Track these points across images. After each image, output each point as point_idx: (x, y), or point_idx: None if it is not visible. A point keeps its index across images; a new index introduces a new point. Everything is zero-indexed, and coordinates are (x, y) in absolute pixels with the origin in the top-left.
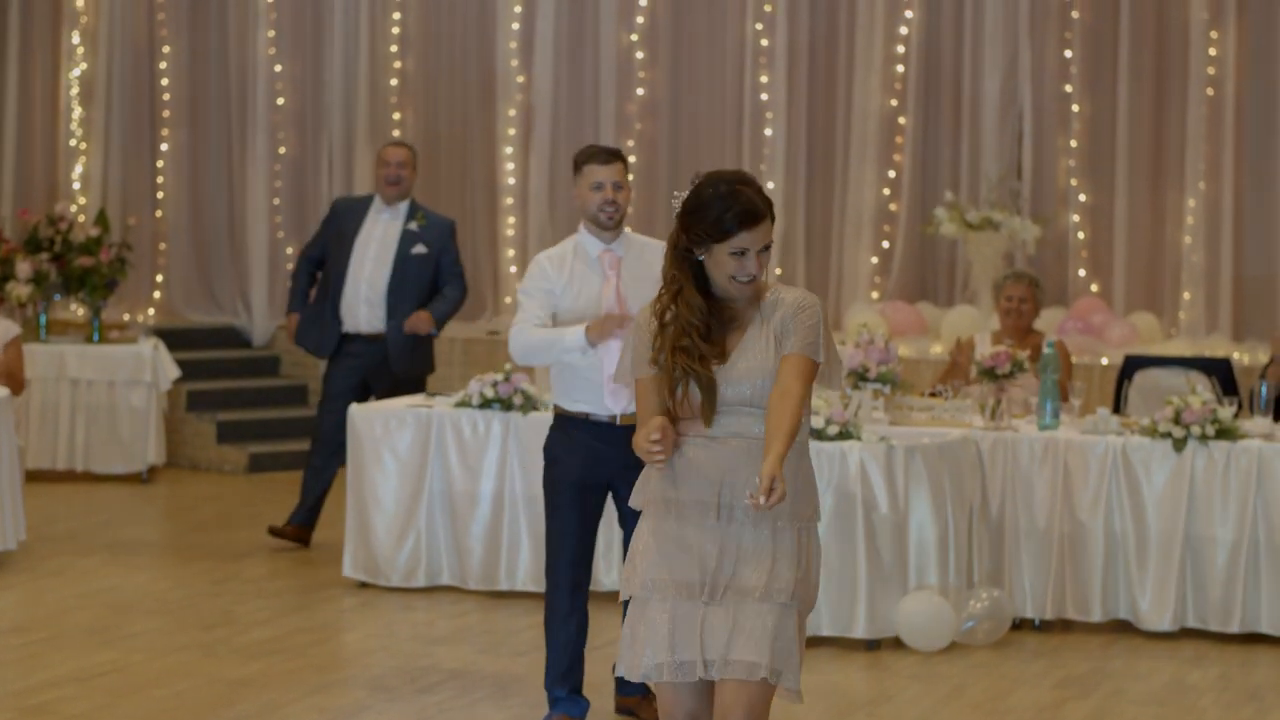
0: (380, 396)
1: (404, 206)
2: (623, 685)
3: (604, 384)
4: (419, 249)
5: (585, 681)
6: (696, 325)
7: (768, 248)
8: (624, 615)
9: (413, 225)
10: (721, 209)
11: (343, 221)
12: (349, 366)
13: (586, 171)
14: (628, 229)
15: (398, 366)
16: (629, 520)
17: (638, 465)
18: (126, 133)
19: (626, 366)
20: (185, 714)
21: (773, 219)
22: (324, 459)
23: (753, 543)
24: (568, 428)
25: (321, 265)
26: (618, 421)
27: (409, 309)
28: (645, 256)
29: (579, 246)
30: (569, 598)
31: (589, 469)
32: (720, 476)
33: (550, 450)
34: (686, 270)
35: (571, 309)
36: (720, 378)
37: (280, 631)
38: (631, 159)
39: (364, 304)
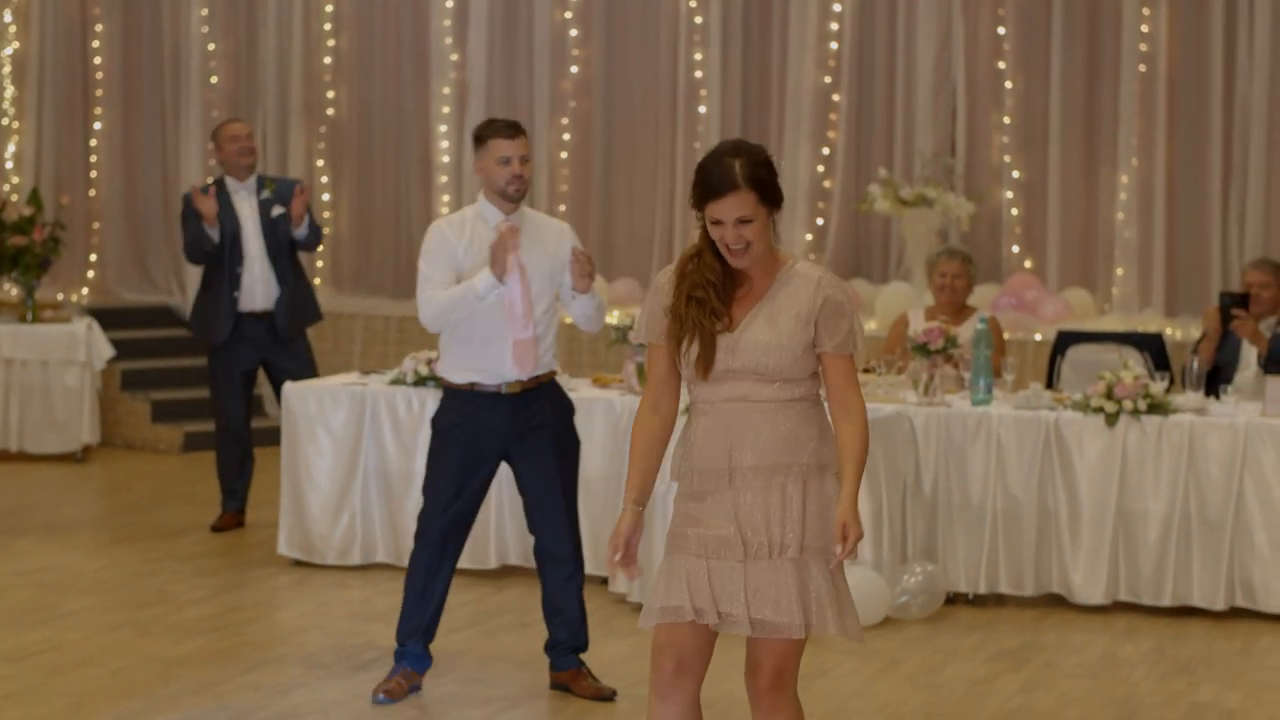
0: (276, 367)
1: (254, 180)
2: (555, 661)
3: (510, 347)
4: (277, 210)
5: (520, 657)
6: (713, 282)
7: (749, 220)
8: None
9: (266, 194)
10: (698, 179)
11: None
12: (244, 350)
13: (492, 146)
14: (524, 205)
15: (284, 326)
16: (528, 491)
17: (531, 434)
18: (59, 111)
19: (642, 328)
20: (120, 692)
21: (760, 191)
22: (231, 444)
23: (763, 503)
24: (454, 401)
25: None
26: (503, 390)
27: (291, 272)
28: (542, 230)
29: (479, 214)
30: (437, 557)
31: (476, 443)
32: (728, 441)
33: (436, 423)
34: (706, 237)
35: (474, 273)
36: (726, 346)
37: (215, 610)
38: (565, 136)
39: (260, 283)
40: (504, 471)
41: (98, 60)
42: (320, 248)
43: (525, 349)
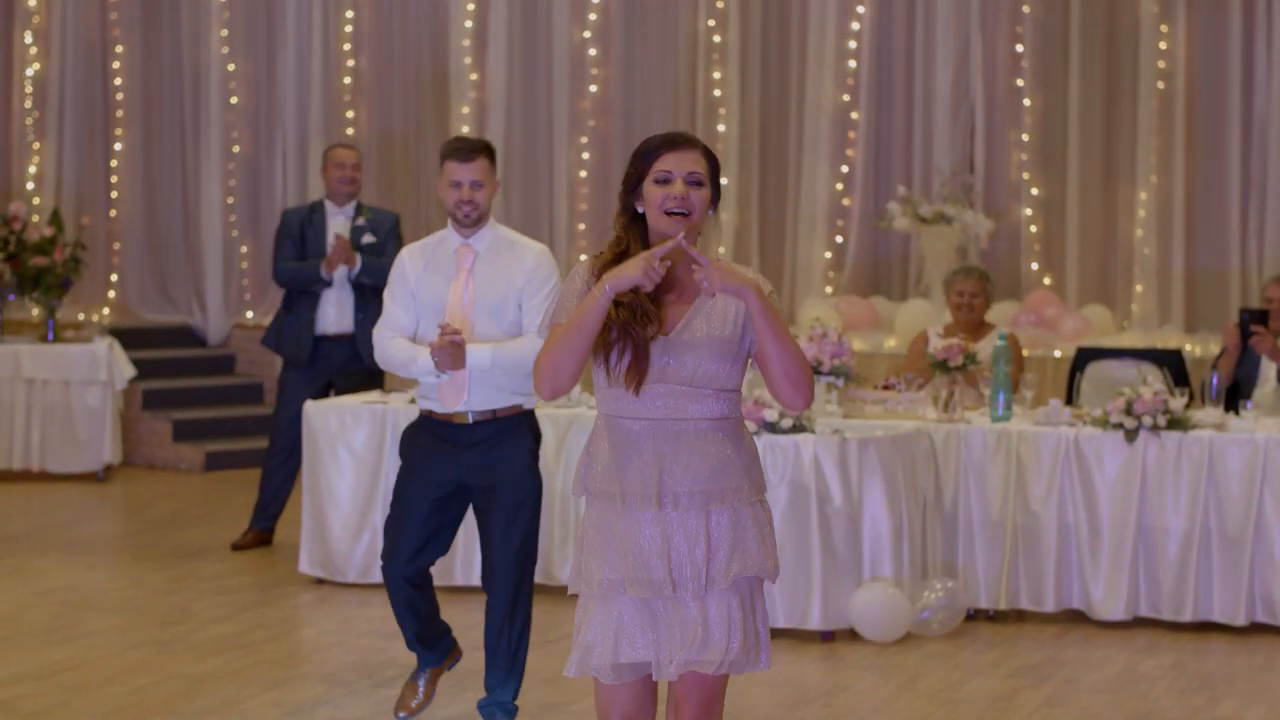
0: (344, 393)
1: (352, 206)
2: (481, 706)
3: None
4: (368, 238)
5: (541, 674)
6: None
7: (701, 184)
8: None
9: (361, 221)
10: (650, 139)
11: (302, 230)
12: (315, 369)
13: (446, 169)
14: (500, 225)
15: (368, 355)
16: (486, 525)
17: (481, 466)
18: (80, 132)
19: (549, 313)
20: (143, 710)
21: (711, 163)
22: (281, 460)
23: (696, 530)
24: (417, 424)
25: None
26: (458, 421)
27: (373, 299)
28: (505, 254)
29: (443, 239)
30: (402, 590)
31: (430, 469)
32: (659, 462)
33: (402, 445)
34: (634, 231)
35: (428, 301)
36: (661, 349)
37: (238, 628)
38: (584, 155)
39: (333, 306)
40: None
41: (118, 81)
42: None
43: (453, 380)
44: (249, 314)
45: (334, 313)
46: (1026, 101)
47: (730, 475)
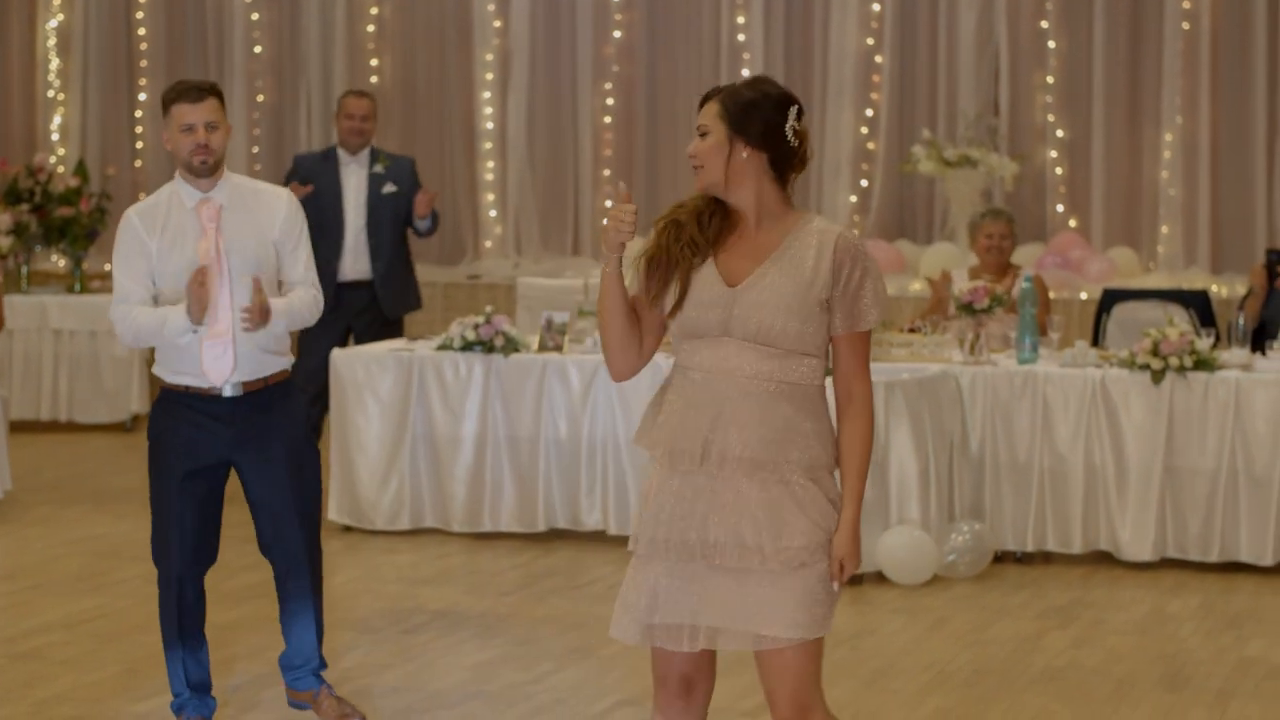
0: (362, 339)
1: (366, 154)
2: (294, 679)
3: (201, 350)
4: (389, 188)
5: (569, 620)
6: (700, 210)
7: (706, 133)
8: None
9: (378, 169)
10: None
11: (314, 178)
12: (336, 315)
13: (175, 113)
14: (232, 173)
15: (388, 307)
16: (258, 508)
17: (255, 438)
18: (104, 83)
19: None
20: None
21: (727, 109)
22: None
23: (750, 496)
24: (169, 403)
25: None
26: (225, 393)
27: (389, 249)
28: (250, 203)
29: (174, 196)
30: (177, 609)
31: (195, 450)
32: (712, 417)
33: (151, 429)
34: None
35: (175, 271)
36: (728, 301)
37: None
38: (609, 101)
39: (349, 253)
40: (559, 441)
41: (141, 31)
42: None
43: (218, 349)
44: None
45: (350, 260)
46: (1051, 44)
47: (792, 446)
